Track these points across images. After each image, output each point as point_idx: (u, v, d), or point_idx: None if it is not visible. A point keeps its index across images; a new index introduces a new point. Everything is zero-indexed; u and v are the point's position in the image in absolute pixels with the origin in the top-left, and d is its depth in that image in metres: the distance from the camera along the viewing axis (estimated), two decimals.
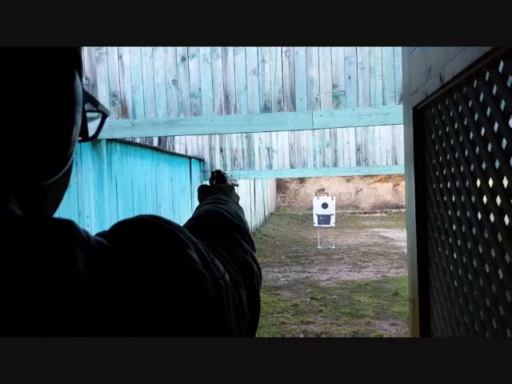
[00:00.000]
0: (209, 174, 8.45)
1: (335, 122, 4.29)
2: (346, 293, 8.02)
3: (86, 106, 0.42)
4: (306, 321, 6.51)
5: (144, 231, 0.42)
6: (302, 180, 26.12)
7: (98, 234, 0.42)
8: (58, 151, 0.36)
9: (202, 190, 1.01)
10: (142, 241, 0.40)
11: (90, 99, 0.43)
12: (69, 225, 0.36)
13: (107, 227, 0.62)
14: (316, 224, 14.00)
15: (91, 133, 0.45)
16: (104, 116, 0.45)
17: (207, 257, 0.46)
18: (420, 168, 1.26)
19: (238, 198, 1.07)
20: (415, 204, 1.27)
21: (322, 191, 24.16)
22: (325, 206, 14.05)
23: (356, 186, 25.75)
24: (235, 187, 1.15)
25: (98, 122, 0.45)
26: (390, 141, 8.12)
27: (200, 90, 4.46)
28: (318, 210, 14.06)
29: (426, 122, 1.22)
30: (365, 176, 23.11)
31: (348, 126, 4.48)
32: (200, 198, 0.99)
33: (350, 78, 4.24)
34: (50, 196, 0.40)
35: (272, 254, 12.31)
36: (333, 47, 4.16)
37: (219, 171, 1.10)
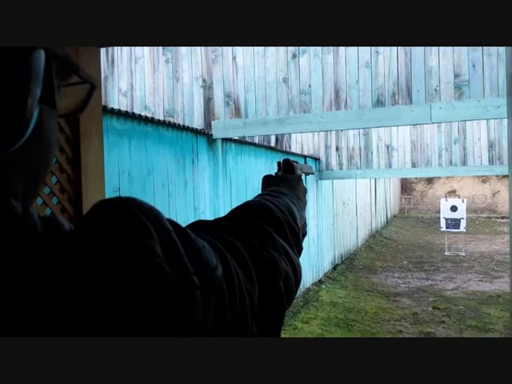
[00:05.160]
0: (324, 174, 8.33)
1: (457, 115, 3.90)
2: (473, 304, 7.29)
3: (72, 77, 0.43)
4: (426, 331, 6.05)
5: (105, 216, 0.40)
6: (429, 180, 24.52)
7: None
8: (10, 117, 0.36)
9: (266, 181, 0.93)
10: (99, 226, 0.39)
11: (74, 70, 0.43)
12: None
13: None
14: (443, 228, 13.00)
15: (74, 103, 0.44)
16: (92, 87, 0.43)
17: (180, 248, 0.41)
18: None
19: (305, 190, 0.97)
20: None
21: (452, 193, 22.41)
22: (454, 208, 12.98)
23: (493, 188, 23.40)
24: (305, 175, 1.05)
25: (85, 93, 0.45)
26: None
27: (310, 86, 4.39)
28: (445, 213, 13.05)
29: None
30: (503, 176, 20.89)
31: (472, 119, 4.04)
32: (262, 189, 0.92)
33: (474, 65, 3.82)
34: (16, 175, 0.39)
35: (393, 259, 11.73)
36: None
37: (288, 160, 1.00)
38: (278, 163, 1.00)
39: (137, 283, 0.36)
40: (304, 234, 0.78)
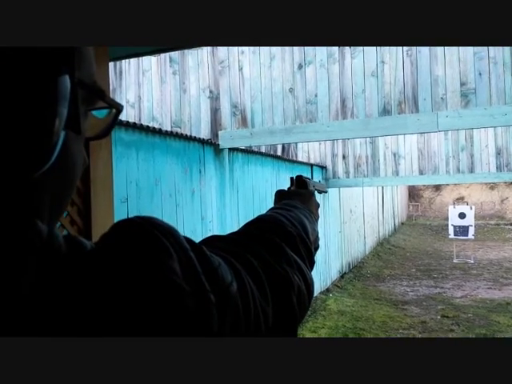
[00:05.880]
0: (331, 182, 8.32)
1: (464, 123, 3.90)
2: (482, 312, 7.22)
3: (97, 102, 0.43)
4: None
5: (126, 237, 0.41)
6: (437, 187, 24.41)
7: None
8: (38, 140, 0.36)
9: (278, 195, 0.94)
10: (120, 246, 0.40)
11: (99, 95, 0.42)
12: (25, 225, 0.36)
13: (228, 232, 0.63)
14: (452, 235, 12.92)
15: (100, 128, 0.44)
16: (117, 112, 0.44)
17: (197, 266, 0.43)
18: None
19: (317, 205, 0.97)
20: None
21: (460, 200, 22.29)
22: (462, 215, 12.90)
23: (501, 195, 23.25)
24: (318, 193, 1.06)
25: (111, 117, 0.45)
26: None
27: (316, 96, 4.41)
28: (454, 220, 12.97)
29: None
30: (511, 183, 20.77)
31: (479, 127, 4.04)
32: (275, 203, 0.93)
33: (480, 74, 3.82)
34: (42, 197, 0.40)
35: (401, 266, 11.66)
36: None
37: (300, 176, 1.01)
38: (291, 178, 1.00)
39: (157, 301, 0.37)
40: (316, 248, 0.78)
